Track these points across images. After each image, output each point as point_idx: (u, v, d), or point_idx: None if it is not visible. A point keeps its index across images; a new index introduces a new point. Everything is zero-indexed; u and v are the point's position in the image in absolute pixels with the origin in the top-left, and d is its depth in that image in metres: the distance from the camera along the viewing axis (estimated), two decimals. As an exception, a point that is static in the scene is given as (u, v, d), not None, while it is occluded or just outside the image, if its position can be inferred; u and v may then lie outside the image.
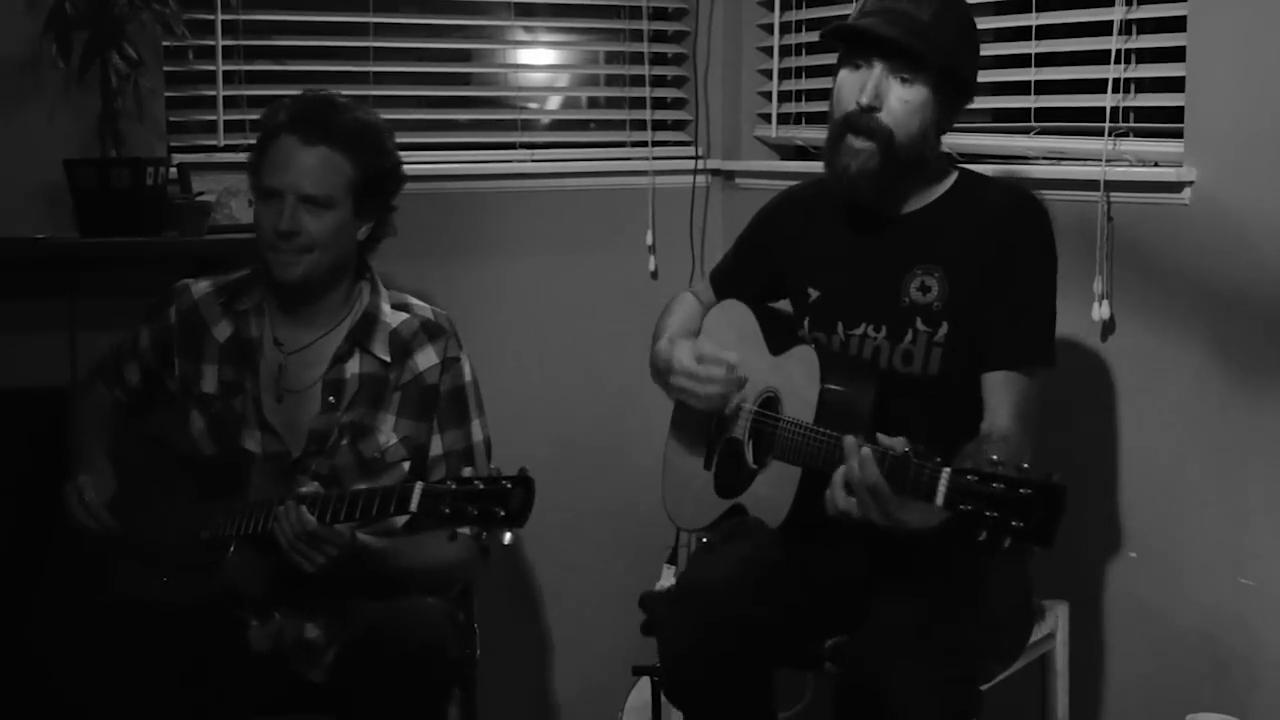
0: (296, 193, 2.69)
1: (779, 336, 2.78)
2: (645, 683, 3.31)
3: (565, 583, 3.85)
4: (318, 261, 2.73)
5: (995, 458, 2.16)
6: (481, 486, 2.41)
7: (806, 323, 2.76)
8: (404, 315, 2.83)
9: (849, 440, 2.33)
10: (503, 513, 2.39)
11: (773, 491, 2.63)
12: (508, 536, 2.54)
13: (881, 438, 2.31)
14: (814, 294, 2.76)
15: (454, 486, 2.42)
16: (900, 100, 2.59)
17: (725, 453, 2.80)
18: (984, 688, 2.64)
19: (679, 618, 2.61)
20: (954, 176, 2.72)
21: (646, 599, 3.16)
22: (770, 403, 2.71)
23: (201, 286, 2.87)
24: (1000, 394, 2.57)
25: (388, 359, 2.78)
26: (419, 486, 2.46)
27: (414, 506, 2.45)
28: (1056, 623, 2.84)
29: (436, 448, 2.80)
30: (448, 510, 2.41)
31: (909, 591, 2.51)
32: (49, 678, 2.62)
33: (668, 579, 3.72)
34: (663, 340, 2.88)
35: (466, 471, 2.46)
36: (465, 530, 2.45)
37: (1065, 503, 2.09)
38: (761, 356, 2.77)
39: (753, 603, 2.55)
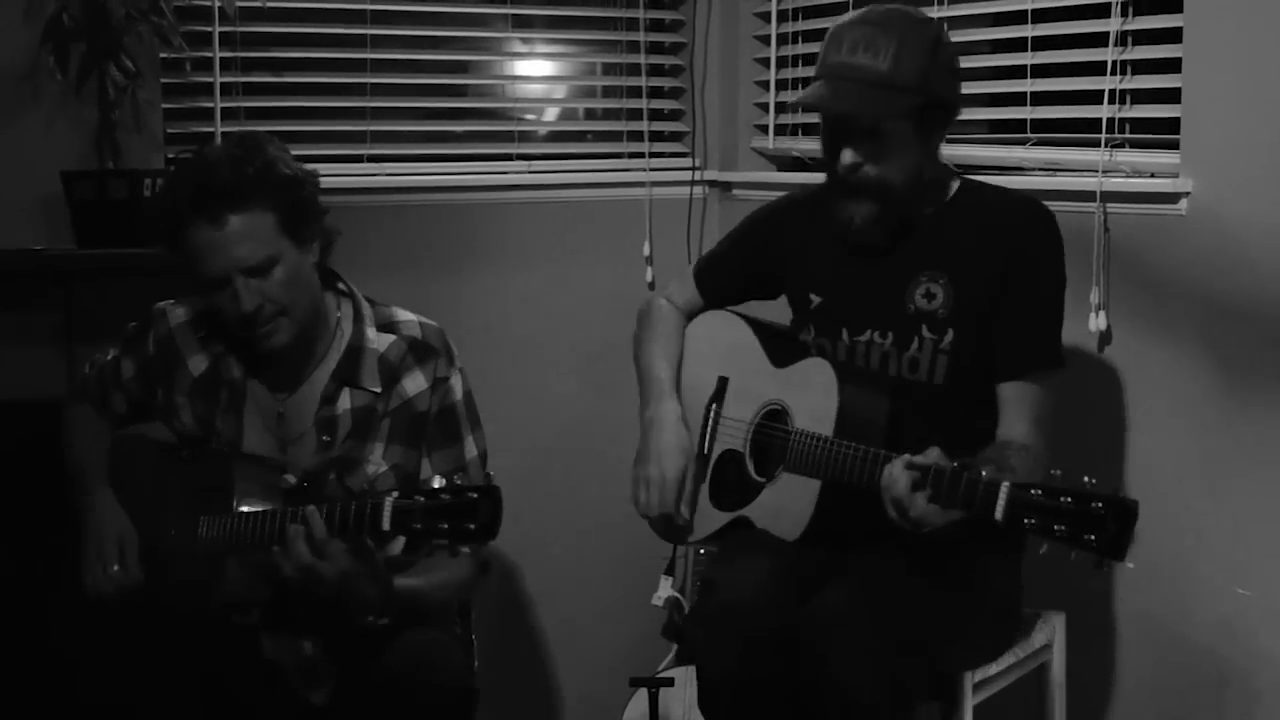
0: (239, 270, 2.55)
1: (781, 349, 2.77)
2: (643, 694, 3.30)
3: (562, 594, 3.84)
4: (295, 318, 2.61)
5: (1055, 471, 2.20)
6: (448, 499, 2.37)
7: (811, 329, 2.75)
8: (391, 338, 2.72)
9: (896, 463, 2.34)
10: (472, 526, 2.36)
11: (787, 504, 2.62)
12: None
13: (915, 459, 2.34)
14: (816, 300, 2.76)
15: (423, 500, 2.38)
16: (882, 148, 2.58)
17: (721, 465, 2.79)
18: (978, 679, 2.64)
19: (717, 638, 2.56)
20: (956, 184, 2.72)
21: (671, 626, 3.19)
22: (775, 415, 2.70)
23: (179, 313, 2.75)
24: (1016, 404, 2.59)
25: (378, 389, 2.69)
26: (389, 503, 2.40)
27: (386, 525, 2.39)
28: (1053, 633, 2.83)
29: (426, 470, 2.71)
30: (419, 526, 2.38)
31: (872, 570, 2.53)
32: (70, 680, 2.59)
33: (665, 589, 3.71)
34: (664, 393, 2.83)
35: (436, 482, 2.41)
36: (444, 544, 2.41)
37: (1137, 518, 2.13)
38: (763, 368, 2.76)
39: (788, 614, 2.51)
